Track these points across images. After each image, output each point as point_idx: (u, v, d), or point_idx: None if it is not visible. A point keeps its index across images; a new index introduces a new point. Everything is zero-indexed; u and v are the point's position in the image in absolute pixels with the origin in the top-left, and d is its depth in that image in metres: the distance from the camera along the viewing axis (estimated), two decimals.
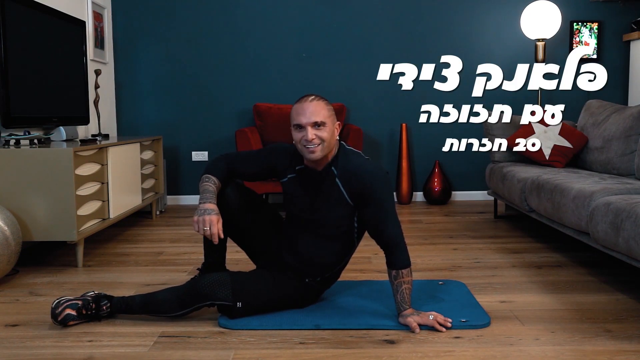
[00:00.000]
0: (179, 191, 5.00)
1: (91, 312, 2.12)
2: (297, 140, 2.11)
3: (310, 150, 2.08)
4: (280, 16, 4.87)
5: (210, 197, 2.13)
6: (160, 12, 4.86)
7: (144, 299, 2.17)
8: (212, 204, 2.11)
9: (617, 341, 1.95)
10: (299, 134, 2.10)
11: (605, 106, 3.80)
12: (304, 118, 2.07)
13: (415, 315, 2.06)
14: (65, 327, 2.09)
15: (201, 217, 2.07)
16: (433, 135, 4.95)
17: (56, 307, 2.09)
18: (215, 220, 2.06)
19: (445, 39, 4.88)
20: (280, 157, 2.26)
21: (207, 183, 2.18)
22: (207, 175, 2.20)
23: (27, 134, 3.08)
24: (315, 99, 2.10)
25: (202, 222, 2.06)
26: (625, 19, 4.85)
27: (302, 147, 2.11)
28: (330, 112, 2.11)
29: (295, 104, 2.13)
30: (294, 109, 2.12)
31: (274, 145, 2.33)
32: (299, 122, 2.08)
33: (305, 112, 2.07)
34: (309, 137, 2.06)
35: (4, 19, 2.88)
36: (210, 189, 2.16)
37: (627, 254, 2.25)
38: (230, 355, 1.87)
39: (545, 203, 3.02)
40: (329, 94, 4.89)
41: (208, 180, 2.19)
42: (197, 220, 2.07)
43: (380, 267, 2.88)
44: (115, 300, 2.18)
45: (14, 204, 2.79)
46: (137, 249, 3.34)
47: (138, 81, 4.91)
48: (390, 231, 2.09)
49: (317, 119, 2.06)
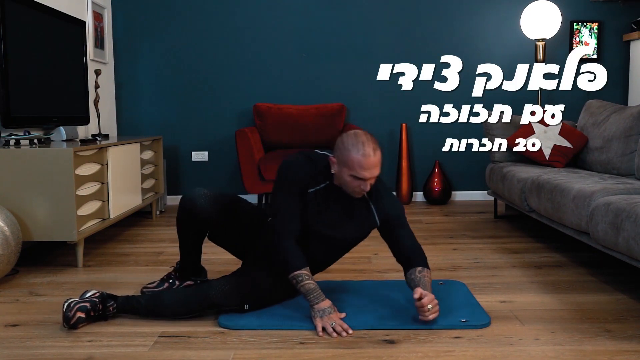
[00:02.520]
0: (179, 191, 5.00)
1: (98, 314, 2.14)
2: (351, 185, 2.07)
3: (357, 195, 2.12)
4: (280, 16, 4.87)
5: (319, 294, 2.07)
6: (160, 12, 4.86)
7: (150, 303, 2.18)
8: (326, 302, 2.07)
9: (617, 341, 1.95)
10: (355, 182, 2.06)
11: (605, 106, 3.80)
12: (368, 173, 2.03)
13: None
14: (74, 330, 2.09)
15: (326, 318, 2.04)
16: (433, 135, 4.95)
17: (68, 311, 2.08)
18: (338, 318, 2.06)
19: (445, 39, 4.88)
20: (303, 179, 2.15)
21: (305, 282, 2.07)
22: (296, 274, 2.07)
23: (27, 134, 3.08)
24: (376, 149, 2.04)
25: (329, 321, 2.03)
26: (625, 19, 4.86)
27: (353, 191, 2.10)
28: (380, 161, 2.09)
29: (356, 155, 2.01)
30: (357, 161, 2.01)
31: (291, 175, 2.15)
32: (362, 176, 2.03)
33: (371, 169, 2.03)
34: (367, 188, 2.07)
35: (4, 19, 2.88)
36: (312, 286, 2.07)
37: (627, 254, 2.25)
38: (230, 355, 1.87)
39: (545, 203, 3.02)
40: (329, 94, 4.93)
41: (302, 278, 2.07)
42: (323, 323, 2.03)
43: (380, 267, 2.88)
44: (120, 300, 2.19)
45: (14, 204, 2.79)
46: (137, 249, 3.34)
47: (138, 81, 4.91)
48: (414, 242, 2.24)
49: (377, 173, 2.06)
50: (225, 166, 4.97)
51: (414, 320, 2.10)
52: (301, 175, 2.13)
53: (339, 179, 2.11)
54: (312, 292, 2.06)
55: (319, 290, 2.07)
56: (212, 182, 4.98)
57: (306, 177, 2.14)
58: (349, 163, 2.02)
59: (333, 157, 2.10)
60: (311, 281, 2.07)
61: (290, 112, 4.63)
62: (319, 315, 2.04)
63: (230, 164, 4.97)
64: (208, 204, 2.26)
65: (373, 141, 2.04)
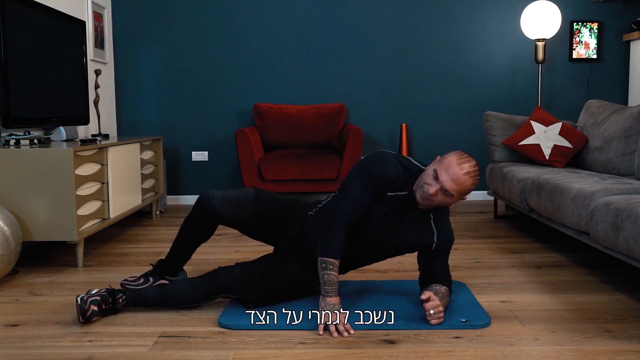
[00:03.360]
0: (179, 191, 5.00)
1: (109, 307, 2.19)
2: (424, 181, 2.05)
3: (422, 200, 2.08)
4: (280, 16, 4.87)
5: (335, 289, 2.05)
6: (160, 12, 4.86)
7: (159, 293, 2.23)
8: (337, 298, 2.06)
9: (617, 341, 1.95)
10: (431, 180, 2.03)
11: (605, 106, 3.80)
12: (448, 182, 2.00)
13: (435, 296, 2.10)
14: (88, 324, 2.14)
15: (332, 315, 2.03)
16: (433, 135, 4.96)
17: (83, 304, 2.12)
18: (343, 317, 2.05)
19: (446, 39, 4.88)
20: (388, 182, 2.11)
21: (331, 272, 2.05)
22: (328, 260, 2.04)
23: (27, 134, 3.08)
24: (471, 179, 2.02)
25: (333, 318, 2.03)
26: (625, 19, 4.86)
27: (422, 192, 2.06)
28: (464, 194, 2.07)
29: (454, 161, 2.01)
30: (447, 166, 2.01)
31: (381, 172, 2.10)
32: (441, 180, 2.01)
33: (455, 180, 2.00)
34: (434, 196, 2.03)
35: (4, 19, 2.89)
36: (334, 279, 2.05)
37: (627, 254, 2.25)
38: (230, 355, 1.87)
39: (545, 203, 3.02)
40: (329, 94, 4.94)
41: (331, 267, 2.05)
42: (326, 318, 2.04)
43: (380, 267, 2.88)
44: (129, 293, 2.23)
45: (14, 204, 2.79)
46: (137, 249, 3.34)
47: (138, 81, 4.91)
48: (447, 269, 2.28)
49: (453, 192, 2.02)
50: (225, 166, 4.97)
51: (414, 320, 2.10)
52: (390, 177, 2.10)
53: (421, 178, 2.08)
54: (331, 284, 2.05)
55: (337, 286, 2.06)
56: (212, 182, 4.98)
57: (392, 182, 2.11)
58: (443, 162, 2.03)
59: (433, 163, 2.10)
60: (335, 274, 2.06)
61: (290, 112, 4.63)
62: (326, 309, 2.04)
63: (230, 164, 4.97)
64: (231, 209, 2.24)
65: (475, 172, 2.02)
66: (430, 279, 2.23)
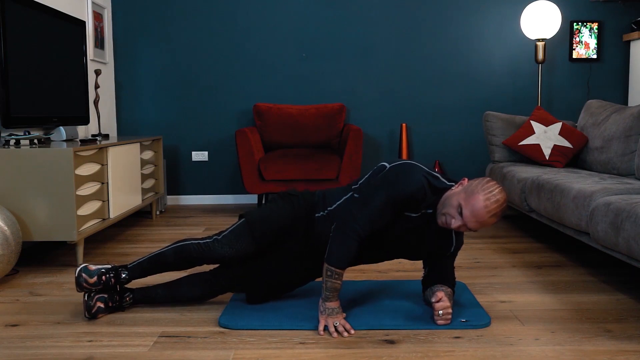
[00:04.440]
0: (179, 191, 5.00)
1: (116, 305, 2.22)
2: (448, 211, 1.99)
3: (441, 224, 2.03)
4: (280, 16, 4.87)
5: (335, 295, 2.04)
6: (160, 12, 4.86)
7: (167, 290, 2.27)
8: (336, 302, 2.05)
9: (617, 341, 1.95)
10: (454, 213, 1.97)
11: (605, 106, 3.80)
12: (471, 223, 1.96)
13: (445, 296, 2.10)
14: (94, 319, 2.18)
15: (331, 318, 2.04)
16: (433, 135, 4.96)
17: (89, 300, 2.16)
18: (342, 318, 2.05)
19: (446, 38, 4.88)
20: (414, 199, 2.04)
21: (335, 281, 2.02)
22: (335, 270, 2.01)
23: (27, 134, 3.08)
24: (495, 217, 1.96)
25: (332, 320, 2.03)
26: (625, 19, 4.86)
27: (444, 220, 2.01)
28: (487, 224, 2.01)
29: (481, 199, 1.93)
30: (473, 204, 1.93)
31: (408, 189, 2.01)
32: (465, 217, 1.95)
33: (477, 220, 1.95)
34: (453, 227, 1.98)
35: (4, 19, 2.89)
36: (337, 287, 2.03)
37: (627, 254, 2.25)
38: (230, 355, 1.87)
39: (545, 203, 3.02)
40: (329, 94, 4.94)
41: (336, 276, 2.02)
42: (326, 321, 2.04)
43: (380, 267, 2.88)
44: (137, 291, 2.27)
45: (14, 204, 2.79)
46: (137, 249, 3.34)
47: (138, 81, 4.91)
48: (453, 270, 2.26)
49: (474, 229, 1.99)
50: (225, 166, 4.97)
51: (414, 320, 2.10)
52: (415, 196, 2.01)
53: (447, 197, 2.01)
54: (333, 291, 2.03)
55: (338, 292, 2.05)
56: (212, 182, 4.98)
57: (417, 201, 2.04)
58: (470, 198, 1.94)
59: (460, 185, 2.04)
60: (340, 282, 2.03)
61: (290, 112, 4.63)
62: (326, 313, 2.04)
63: (230, 164, 4.97)
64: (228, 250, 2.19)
65: (501, 212, 1.97)
66: (436, 279, 2.22)
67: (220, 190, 5.00)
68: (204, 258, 2.18)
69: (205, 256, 2.17)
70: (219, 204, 4.96)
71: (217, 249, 2.16)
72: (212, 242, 2.18)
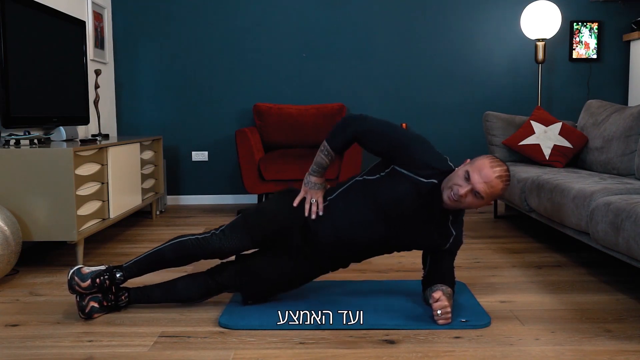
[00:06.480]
0: (179, 191, 5.00)
1: (111, 304, 2.21)
2: (454, 181, 2.02)
3: (449, 201, 2.04)
4: (280, 16, 4.87)
5: (321, 171, 2.19)
6: (160, 12, 4.86)
7: (163, 290, 2.27)
8: (321, 179, 2.20)
9: (617, 341, 1.95)
10: (462, 184, 1.99)
11: (605, 106, 3.80)
12: (480, 185, 1.97)
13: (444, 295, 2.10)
14: (90, 319, 2.17)
15: (311, 192, 2.18)
16: (433, 135, 4.96)
17: (82, 300, 2.16)
18: (320, 196, 2.18)
19: (446, 38, 4.88)
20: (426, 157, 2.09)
21: (324, 155, 2.17)
22: (328, 147, 2.15)
23: (27, 134, 3.08)
24: (502, 183, 1.99)
25: (311, 195, 2.18)
26: (625, 19, 4.86)
27: (451, 193, 2.02)
28: (494, 197, 2.04)
29: (486, 163, 1.99)
30: (480, 167, 1.98)
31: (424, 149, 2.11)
32: (473, 183, 1.98)
33: (486, 182, 1.97)
34: (464, 197, 2.00)
35: (4, 19, 2.88)
36: (323, 163, 2.18)
37: (627, 254, 2.25)
38: (230, 355, 1.87)
39: (545, 203, 3.02)
40: (329, 94, 4.94)
41: (326, 152, 2.17)
42: (305, 193, 2.19)
43: (380, 267, 2.88)
44: (133, 291, 2.26)
45: (14, 204, 2.79)
46: (137, 249, 3.34)
47: (138, 81, 4.91)
48: (452, 268, 2.28)
49: (484, 194, 1.99)
50: (225, 166, 4.97)
51: (413, 320, 2.10)
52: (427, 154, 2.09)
53: (452, 174, 2.05)
54: (319, 165, 2.18)
55: (324, 170, 2.19)
56: (212, 182, 4.98)
57: (427, 161, 2.08)
58: (475, 163, 2.01)
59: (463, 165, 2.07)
60: (327, 160, 2.17)
61: (290, 112, 4.63)
62: (308, 186, 2.18)
63: (230, 164, 4.97)
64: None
65: (507, 176, 2.01)
66: (436, 279, 2.22)
67: (220, 190, 5.00)
68: (200, 252, 2.17)
69: (202, 250, 2.16)
70: (218, 204, 4.96)
71: (214, 242, 2.16)
72: (209, 236, 2.18)
